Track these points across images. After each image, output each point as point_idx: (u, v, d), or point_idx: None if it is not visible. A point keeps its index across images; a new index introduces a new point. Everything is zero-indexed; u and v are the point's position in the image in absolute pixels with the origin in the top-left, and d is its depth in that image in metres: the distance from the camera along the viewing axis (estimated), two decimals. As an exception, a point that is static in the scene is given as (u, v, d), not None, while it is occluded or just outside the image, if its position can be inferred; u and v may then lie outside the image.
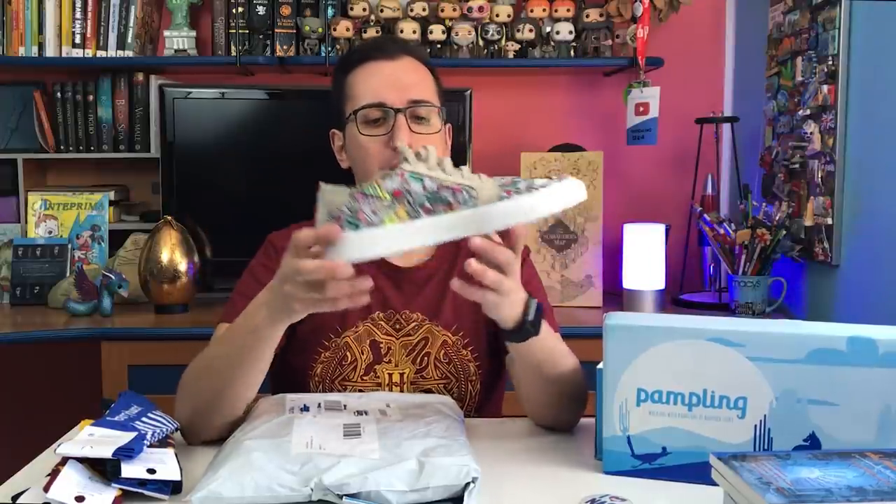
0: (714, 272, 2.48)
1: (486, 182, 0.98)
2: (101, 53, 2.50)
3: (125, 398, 1.10)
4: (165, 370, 1.14)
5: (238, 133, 2.43)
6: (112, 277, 2.19)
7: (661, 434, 1.00)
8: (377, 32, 2.47)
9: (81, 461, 0.93)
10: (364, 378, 1.31)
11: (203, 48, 2.60)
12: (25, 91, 2.57)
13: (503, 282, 1.02)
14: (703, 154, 2.49)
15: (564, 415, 1.21)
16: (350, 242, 0.93)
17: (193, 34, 2.54)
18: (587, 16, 2.49)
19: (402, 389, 1.31)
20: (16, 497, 0.92)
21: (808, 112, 2.09)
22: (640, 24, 2.41)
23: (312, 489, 0.90)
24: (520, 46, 2.50)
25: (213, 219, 2.43)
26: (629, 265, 2.32)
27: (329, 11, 2.48)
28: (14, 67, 2.55)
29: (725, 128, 2.55)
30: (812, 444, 0.96)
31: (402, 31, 2.44)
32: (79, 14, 2.48)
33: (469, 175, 0.99)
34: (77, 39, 2.49)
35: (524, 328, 1.09)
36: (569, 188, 0.98)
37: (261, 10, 2.49)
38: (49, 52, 2.48)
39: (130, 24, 2.49)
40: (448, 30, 2.48)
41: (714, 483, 0.81)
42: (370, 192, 0.95)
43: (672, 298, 2.43)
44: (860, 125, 1.93)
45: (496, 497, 0.96)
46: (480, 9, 2.47)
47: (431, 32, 2.46)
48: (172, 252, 2.21)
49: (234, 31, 2.49)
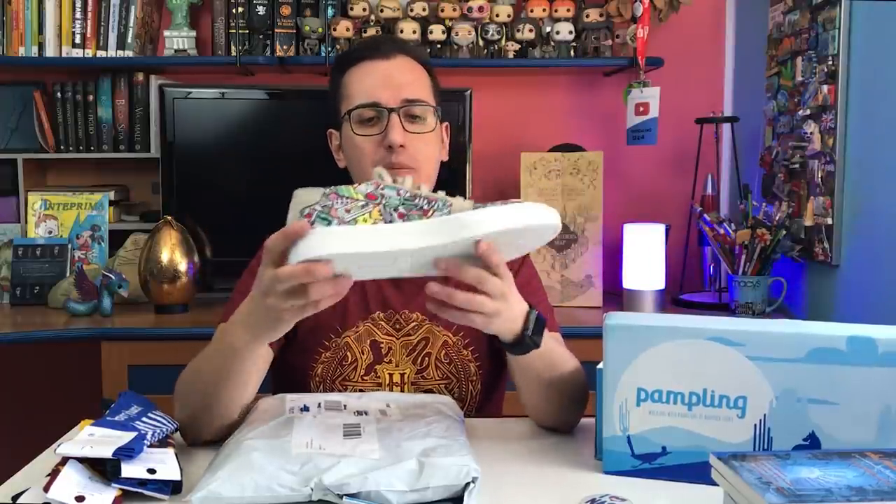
0: (714, 272, 2.48)
1: (461, 199, 0.97)
2: (101, 53, 2.50)
3: (125, 398, 1.10)
4: (165, 370, 1.14)
5: (238, 133, 2.43)
6: (112, 277, 2.19)
7: (661, 434, 1.00)
8: (377, 32, 2.47)
9: (81, 461, 0.93)
10: (364, 378, 1.31)
11: (203, 48, 2.60)
12: (25, 91, 2.57)
13: (485, 304, 0.99)
14: (703, 154, 2.49)
15: (565, 416, 1.21)
16: (320, 237, 0.90)
17: (193, 34, 2.54)
18: (587, 16, 2.49)
19: (403, 390, 1.31)
20: (16, 497, 0.91)
21: (808, 112, 2.09)
22: (640, 24, 2.41)
23: (312, 489, 0.90)
24: (520, 46, 2.50)
25: (213, 219, 2.43)
26: (629, 265, 2.32)
27: (329, 11, 2.48)
28: (14, 67, 2.55)
29: (725, 128, 2.55)
30: (812, 444, 0.96)
31: (402, 31, 2.44)
32: (79, 14, 2.48)
33: (444, 195, 0.98)
34: (77, 39, 2.49)
35: (524, 342, 1.08)
36: (543, 208, 0.97)
37: (261, 10, 2.49)
38: (49, 52, 2.48)
39: (130, 24, 2.49)
40: (448, 30, 2.48)
41: (714, 483, 0.81)
42: (344, 194, 0.93)
43: (672, 298, 2.43)
44: (860, 125, 1.93)
45: (496, 497, 0.96)
46: (480, 9, 2.47)
47: (431, 32, 2.46)
48: (172, 252, 2.21)
49: (234, 31, 2.49)
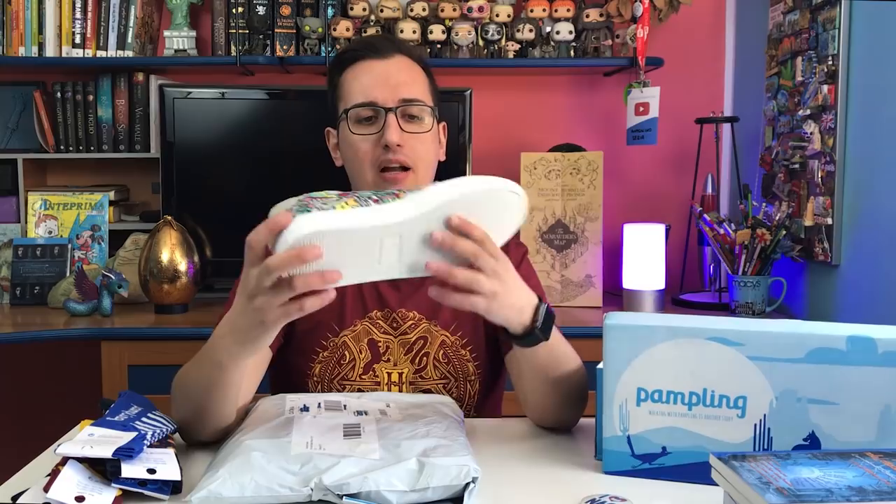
0: (714, 272, 2.48)
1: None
2: (101, 53, 2.50)
3: (125, 398, 1.10)
4: (165, 370, 1.14)
5: (238, 133, 2.43)
6: (112, 277, 2.19)
7: (661, 434, 1.00)
8: (377, 32, 2.47)
9: (81, 461, 0.93)
10: (363, 377, 1.31)
11: (203, 48, 2.60)
12: (25, 91, 2.57)
13: (481, 281, 0.99)
14: (703, 154, 2.49)
15: (565, 414, 1.21)
16: (304, 219, 0.89)
17: (193, 34, 2.54)
18: (587, 16, 2.49)
19: (401, 389, 1.31)
20: (16, 497, 0.91)
21: (808, 112, 2.09)
22: (640, 24, 2.41)
23: (312, 489, 0.90)
24: (520, 46, 2.50)
25: (213, 219, 2.43)
26: (629, 265, 2.32)
27: (329, 11, 2.48)
28: (14, 67, 2.55)
29: (725, 128, 2.55)
30: (812, 444, 0.96)
31: (402, 31, 2.44)
32: (79, 14, 2.48)
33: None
34: (77, 39, 2.49)
35: (533, 334, 1.08)
36: (505, 180, 1.02)
37: (261, 10, 2.49)
38: (49, 52, 2.48)
39: (130, 24, 2.49)
40: (448, 30, 2.48)
41: (714, 483, 0.81)
42: (317, 196, 0.95)
43: (672, 298, 2.43)
44: (860, 125, 1.93)
45: (496, 497, 0.96)
46: (480, 9, 2.47)
47: (431, 32, 2.46)
48: (172, 252, 2.21)
49: (234, 31, 2.49)
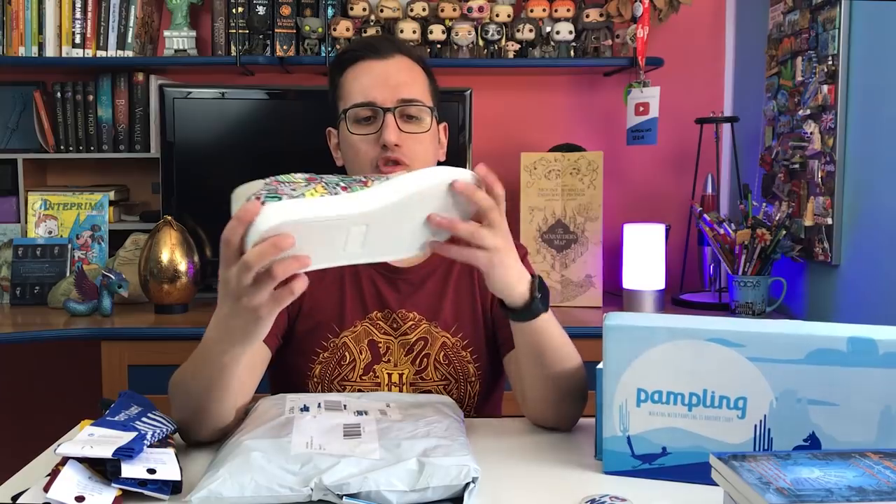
0: (714, 272, 2.48)
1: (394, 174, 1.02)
2: (101, 53, 2.50)
3: (125, 398, 1.10)
4: (165, 370, 1.14)
5: (238, 133, 2.43)
6: (112, 277, 2.19)
7: (661, 434, 1.00)
8: (377, 32, 2.47)
9: (81, 461, 0.93)
10: (363, 378, 1.31)
11: (203, 48, 2.60)
12: (25, 91, 2.57)
13: (483, 234, 1.01)
14: (703, 154, 2.49)
15: (564, 412, 1.20)
16: (275, 208, 0.88)
17: (193, 34, 2.54)
18: (587, 16, 2.49)
19: (402, 390, 1.31)
20: (16, 497, 0.91)
21: (808, 112, 2.09)
22: (640, 24, 2.41)
23: (312, 489, 0.90)
24: (520, 46, 2.50)
25: (213, 219, 2.41)
26: (629, 265, 2.32)
27: (329, 11, 2.48)
28: (14, 67, 2.55)
29: (725, 128, 2.55)
30: (812, 444, 0.96)
31: (402, 31, 2.44)
32: (79, 14, 2.48)
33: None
34: (77, 39, 2.49)
35: (534, 302, 1.09)
36: (465, 170, 1.03)
37: (261, 10, 2.49)
38: (49, 52, 2.48)
39: (130, 24, 2.49)
40: (448, 30, 2.48)
41: (714, 483, 0.81)
42: (285, 179, 0.94)
43: (672, 298, 2.43)
44: (860, 125, 1.93)
45: (496, 497, 0.96)
46: (480, 9, 2.46)
47: (431, 32, 2.46)
48: (172, 252, 2.21)
49: (234, 31, 2.49)
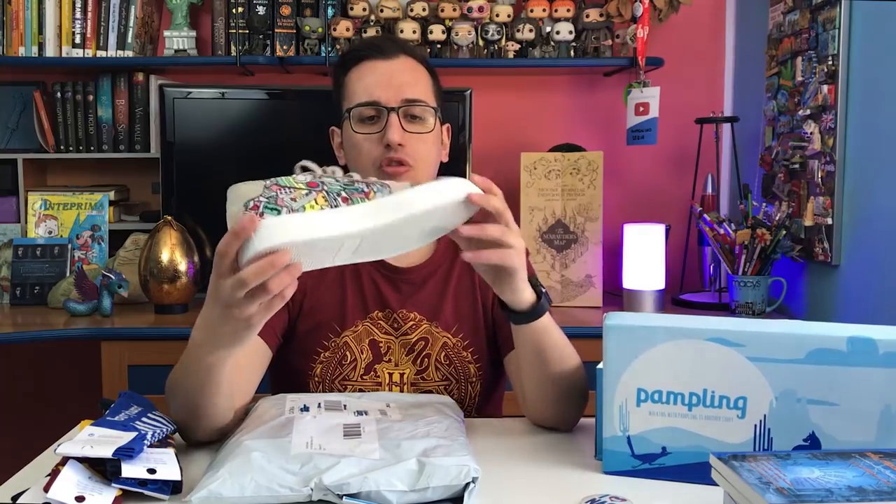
0: (714, 272, 2.48)
1: (394, 181, 1.01)
2: (101, 53, 2.50)
3: (125, 398, 1.10)
4: (165, 370, 1.14)
5: (238, 133, 2.43)
6: (112, 277, 2.19)
7: (661, 434, 1.00)
8: (377, 32, 2.47)
9: (81, 461, 0.93)
10: (364, 378, 1.31)
11: (203, 48, 2.60)
12: (25, 91, 2.57)
13: (508, 235, 1.04)
14: (703, 154, 2.49)
15: (565, 412, 1.21)
16: (275, 227, 0.87)
17: (193, 34, 2.54)
18: (587, 16, 2.49)
19: (402, 390, 1.31)
20: (16, 497, 0.91)
21: (808, 112, 2.09)
22: (640, 24, 2.41)
23: (312, 489, 0.90)
24: (520, 46, 2.50)
25: (213, 219, 2.41)
26: (629, 265, 2.32)
27: (329, 11, 2.48)
28: (14, 67, 2.55)
29: (725, 128, 2.55)
30: (812, 444, 0.96)
31: (402, 31, 2.44)
32: (79, 14, 2.48)
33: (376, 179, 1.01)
34: (77, 39, 2.49)
35: (539, 305, 1.11)
36: (464, 181, 1.02)
37: (261, 10, 2.49)
38: (49, 52, 2.48)
39: (130, 24, 2.49)
40: (448, 30, 2.48)
41: (714, 483, 0.81)
42: (285, 184, 0.93)
43: (672, 298, 2.43)
44: (860, 125, 1.93)
45: (496, 497, 0.96)
46: (480, 9, 2.46)
47: (431, 32, 2.46)
48: (172, 252, 2.21)
49: (234, 31, 2.49)
